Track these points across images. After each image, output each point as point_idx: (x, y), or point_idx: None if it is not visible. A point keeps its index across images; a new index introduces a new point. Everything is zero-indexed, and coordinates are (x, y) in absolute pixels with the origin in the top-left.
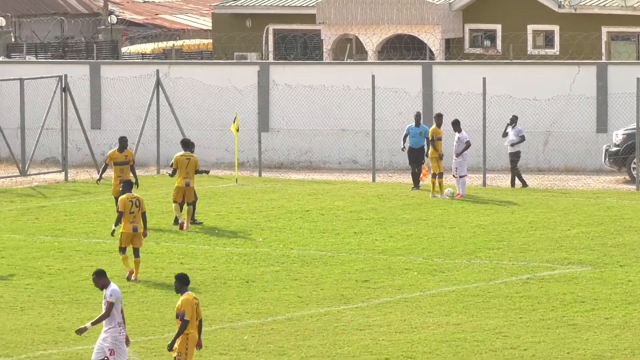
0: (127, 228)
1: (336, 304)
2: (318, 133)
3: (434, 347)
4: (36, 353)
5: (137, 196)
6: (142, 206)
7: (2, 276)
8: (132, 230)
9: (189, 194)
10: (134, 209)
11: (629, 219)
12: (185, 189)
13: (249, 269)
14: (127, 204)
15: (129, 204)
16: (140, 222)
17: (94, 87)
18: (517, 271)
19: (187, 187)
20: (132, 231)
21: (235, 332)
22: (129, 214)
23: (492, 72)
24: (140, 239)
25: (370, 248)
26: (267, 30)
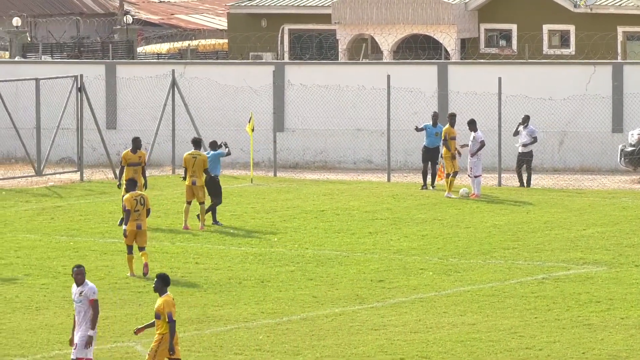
0: (131, 226)
1: (351, 304)
2: (333, 133)
3: (449, 347)
4: (51, 353)
5: (141, 194)
6: (147, 204)
7: (17, 276)
8: (136, 228)
9: (197, 193)
10: (138, 207)
11: None
12: (193, 187)
13: (264, 269)
14: (132, 202)
15: (133, 202)
16: (144, 220)
17: (110, 87)
18: (533, 271)
19: (195, 186)
20: (136, 228)
21: (251, 332)
22: (134, 212)
23: (508, 72)
24: (144, 236)
25: (386, 248)
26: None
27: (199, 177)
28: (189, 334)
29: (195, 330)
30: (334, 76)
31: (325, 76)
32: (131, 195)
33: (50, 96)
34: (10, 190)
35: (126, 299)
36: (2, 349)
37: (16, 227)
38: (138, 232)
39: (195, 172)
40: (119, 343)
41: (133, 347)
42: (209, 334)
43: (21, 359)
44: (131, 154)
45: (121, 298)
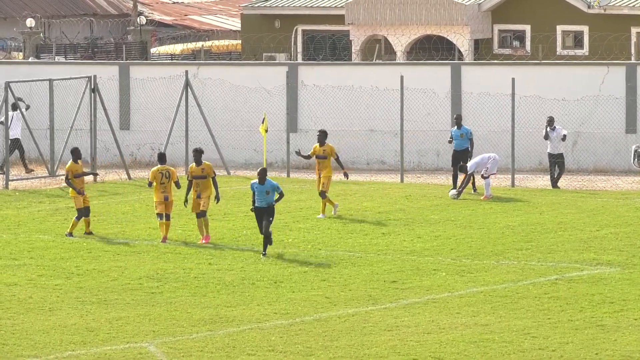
0: (159, 197)
1: (364, 305)
2: (346, 134)
3: (462, 347)
4: (64, 354)
5: (167, 167)
6: (173, 176)
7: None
8: (163, 199)
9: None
10: (164, 179)
11: None
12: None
13: (277, 270)
14: (157, 175)
15: (159, 175)
16: (170, 192)
17: (123, 88)
18: (546, 272)
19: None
20: (163, 200)
21: (263, 332)
22: (160, 185)
23: (521, 73)
24: (170, 206)
25: (399, 249)
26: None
27: (170, 192)
28: (201, 335)
29: (208, 331)
30: (347, 77)
31: (339, 77)
32: (157, 169)
33: (64, 97)
34: (24, 191)
35: (139, 299)
36: (16, 350)
37: (30, 228)
38: (165, 203)
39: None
40: (132, 344)
41: (146, 347)
42: (222, 335)
43: (35, 359)
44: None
45: (134, 299)
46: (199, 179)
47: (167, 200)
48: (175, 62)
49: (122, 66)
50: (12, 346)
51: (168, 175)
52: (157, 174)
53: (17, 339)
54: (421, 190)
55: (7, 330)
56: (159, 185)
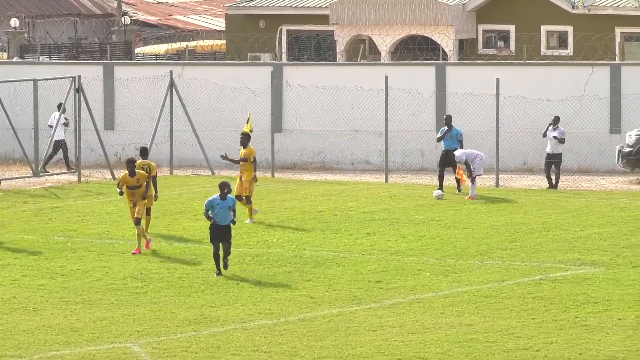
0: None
1: (349, 305)
2: (331, 134)
3: (447, 347)
4: (49, 354)
5: (148, 162)
6: (153, 171)
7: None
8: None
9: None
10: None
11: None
12: None
13: (261, 270)
14: None
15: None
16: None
17: (108, 88)
18: (530, 272)
19: None
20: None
21: (248, 332)
22: None
23: (506, 73)
24: (150, 200)
25: (383, 249)
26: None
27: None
28: (186, 335)
29: (193, 331)
30: (332, 77)
31: (323, 77)
32: (137, 163)
33: (49, 97)
34: (8, 191)
35: (123, 299)
36: (0, 350)
37: (14, 228)
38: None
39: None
40: (117, 344)
41: (130, 347)
42: (207, 335)
43: (18, 359)
44: None
45: (118, 299)
46: (134, 189)
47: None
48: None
49: (107, 66)
50: None
51: (148, 170)
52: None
53: (1, 339)
54: (406, 190)
55: None
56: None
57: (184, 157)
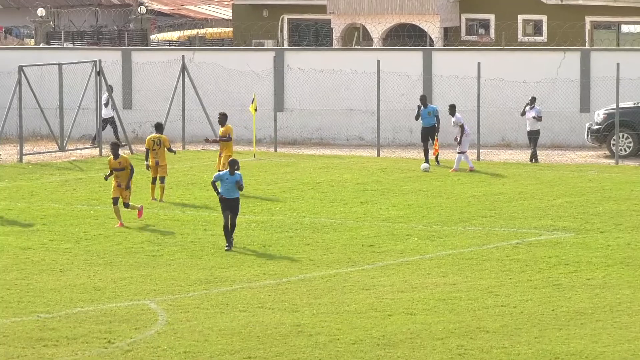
0: (152, 162)
1: (344, 267)
2: (328, 113)
3: (433, 304)
4: (74, 310)
5: (160, 136)
6: (165, 143)
7: (43, 241)
8: (155, 164)
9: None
10: (155, 146)
11: (609, 190)
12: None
13: (265, 235)
14: (150, 142)
15: (151, 142)
16: (162, 157)
17: (126, 71)
18: (508, 237)
19: (158, 165)
20: (155, 164)
21: (254, 291)
22: (152, 151)
23: (486, 58)
24: (164, 169)
25: (375, 216)
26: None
27: (162, 157)
28: (198, 293)
29: (204, 289)
30: (329, 61)
31: (321, 61)
32: (150, 137)
33: (72, 79)
34: (37, 164)
35: (141, 261)
36: (30, 306)
37: (42, 198)
38: (158, 167)
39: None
40: (135, 301)
41: (147, 304)
42: (216, 293)
43: (47, 315)
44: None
45: (136, 261)
46: (118, 171)
47: (158, 164)
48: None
49: (125, 51)
50: (27, 303)
51: (159, 143)
52: (150, 141)
53: (32, 297)
54: (396, 163)
55: (23, 289)
56: (151, 152)
57: (195, 133)
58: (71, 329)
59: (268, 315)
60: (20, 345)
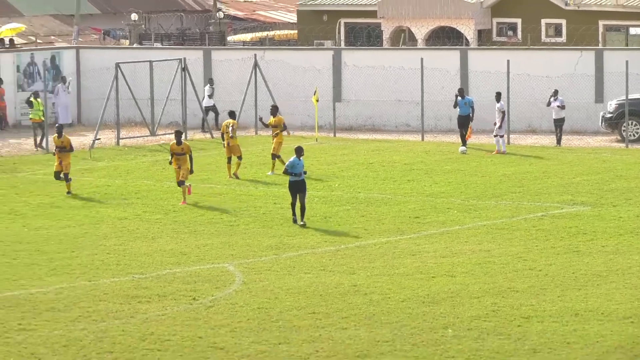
0: (226, 143)
1: (394, 235)
2: (379, 103)
3: (470, 268)
4: (164, 271)
5: (232, 121)
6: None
7: (137, 212)
8: (227, 145)
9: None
10: (229, 129)
11: (620, 170)
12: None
13: (326, 208)
14: (224, 127)
15: (225, 127)
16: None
17: (206, 68)
18: (534, 210)
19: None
20: (227, 145)
21: (317, 256)
22: (226, 134)
23: (514, 56)
24: (237, 149)
25: (420, 192)
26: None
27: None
28: (269, 258)
29: (274, 254)
30: (380, 59)
31: (373, 59)
32: (225, 123)
33: (161, 74)
34: (131, 147)
35: (220, 230)
36: (127, 268)
37: (136, 175)
38: (231, 147)
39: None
40: (215, 264)
41: (226, 267)
42: (285, 258)
43: (141, 275)
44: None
45: (217, 230)
46: (178, 155)
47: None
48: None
49: (206, 51)
50: (123, 265)
51: (231, 127)
52: (224, 126)
53: (128, 260)
54: (437, 147)
55: (120, 253)
56: (225, 135)
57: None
58: (161, 288)
59: (329, 276)
60: (118, 302)
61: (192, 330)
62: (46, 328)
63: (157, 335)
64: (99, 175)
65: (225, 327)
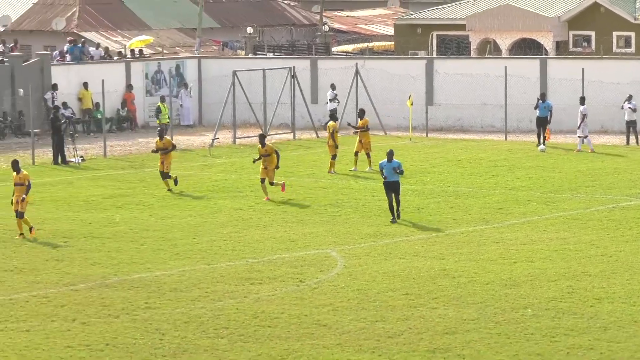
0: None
1: (479, 225)
2: (467, 106)
3: (548, 254)
4: (274, 256)
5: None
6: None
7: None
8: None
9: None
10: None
11: None
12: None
13: (419, 200)
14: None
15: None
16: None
17: (313, 75)
18: (606, 202)
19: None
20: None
21: (410, 243)
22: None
23: (588, 65)
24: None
25: (503, 186)
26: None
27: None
28: (367, 244)
29: (372, 241)
30: (468, 67)
31: (462, 67)
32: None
33: (273, 81)
34: (246, 145)
35: (324, 220)
36: (241, 254)
37: (249, 171)
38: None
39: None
40: (320, 250)
41: (329, 252)
42: (382, 244)
43: (253, 260)
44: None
45: (321, 219)
46: (265, 156)
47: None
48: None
49: (312, 60)
50: (238, 251)
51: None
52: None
53: (242, 246)
54: (519, 145)
55: (235, 240)
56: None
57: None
58: (272, 271)
59: (421, 261)
60: (233, 283)
61: (299, 308)
62: (169, 306)
63: (268, 313)
64: (217, 170)
65: (328, 306)
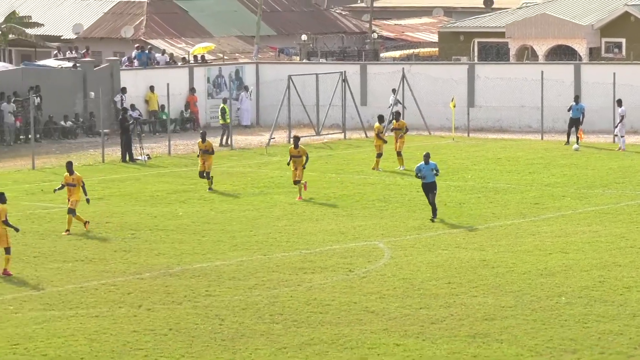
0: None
1: (517, 218)
2: (506, 108)
3: (580, 245)
4: (325, 247)
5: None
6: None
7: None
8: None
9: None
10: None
11: None
12: None
13: (461, 196)
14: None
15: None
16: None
17: (363, 79)
18: (635, 197)
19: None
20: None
21: (452, 235)
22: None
23: (619, 70)
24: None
25: (539, 182)
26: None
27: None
28: (412, 237)
29: (417, 234)
30: (507, 72)
31: (501, 72)
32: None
33: (325, 85)
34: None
35: (372, 214)
36: (295, 245)
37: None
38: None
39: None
40: (368, 242)
41: (377, 244)
42: (426, 237)
43: (306, 251)
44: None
45: (369, 213)
46: (295, 157)
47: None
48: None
49: (362, 65)
50: (292, 242)
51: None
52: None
53: (296, 238)
54: (555, 145)
55: (289, 233)
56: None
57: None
58: (323, 261)
59: (462, 252)
60: (287, 272)
61: (348, 296)
62: (228, 294)
63: (319, 301)
64: (273, 167)
65: (376, 294)
